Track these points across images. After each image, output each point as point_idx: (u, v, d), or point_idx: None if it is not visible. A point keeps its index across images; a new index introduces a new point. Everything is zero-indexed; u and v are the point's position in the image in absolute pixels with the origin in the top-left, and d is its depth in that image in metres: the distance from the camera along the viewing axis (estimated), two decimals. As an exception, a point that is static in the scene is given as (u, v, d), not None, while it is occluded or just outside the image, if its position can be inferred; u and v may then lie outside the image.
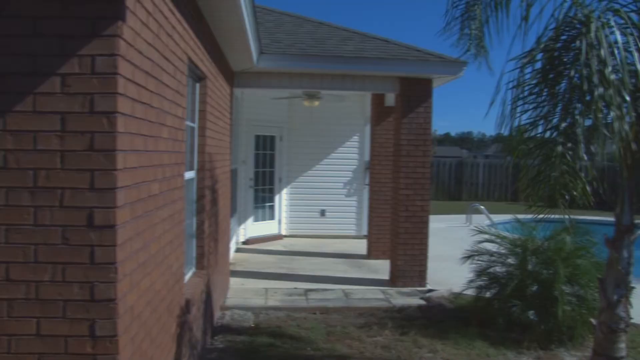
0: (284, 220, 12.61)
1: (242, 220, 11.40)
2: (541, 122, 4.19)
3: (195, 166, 5.26)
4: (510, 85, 4.12)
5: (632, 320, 5.07)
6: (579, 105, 3.84)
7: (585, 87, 3.70)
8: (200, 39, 4.68)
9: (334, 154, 12.70)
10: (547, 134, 4.16)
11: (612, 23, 3.89)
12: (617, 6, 4.43)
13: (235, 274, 8.62)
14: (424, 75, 8.22)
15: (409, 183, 8.25)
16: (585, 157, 3.86)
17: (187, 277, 4.90)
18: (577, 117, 3.85)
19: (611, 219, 4.90)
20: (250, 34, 5.78)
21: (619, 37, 3.82)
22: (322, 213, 12.71)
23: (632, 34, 3.91)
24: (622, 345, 4.93)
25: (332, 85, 8.35)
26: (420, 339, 6.10)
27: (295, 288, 7.96)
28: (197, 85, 5.29)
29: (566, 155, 3.85)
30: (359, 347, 5.86)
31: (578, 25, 4.09)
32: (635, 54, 3.81)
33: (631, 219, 4.77)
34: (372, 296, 7.74)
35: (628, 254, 4.83)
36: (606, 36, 3.78)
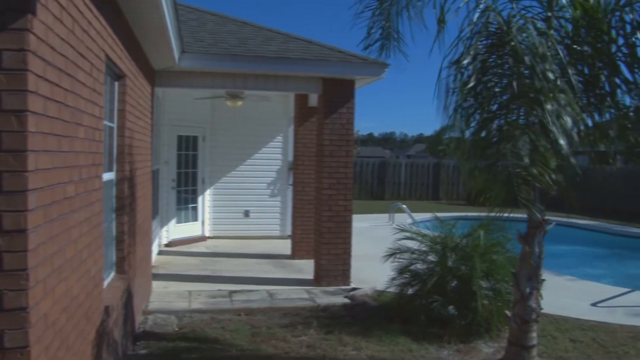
0: (207, 222, 12.43)
1: (164, 222, 11.16)
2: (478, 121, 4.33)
3: (115, 167, 5.10)
4: (451, 89, 4.24)
5: (542, 311, 5.34)
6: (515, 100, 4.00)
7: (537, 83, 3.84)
8: (119, 36, 4.54)
9: (257, 154, 12.64)
10: (483, 133, 4.30)
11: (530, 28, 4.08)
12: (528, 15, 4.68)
13: (158, 277, 8.42)
14: (347, 76, 8.31)
15: (332, 183, 8.33)
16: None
17: (107, 281, 4.74)
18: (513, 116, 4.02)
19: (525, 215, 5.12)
20: (171, 32, 5.66)
21: (536, 41, 4.00)
22: (246, 214, 12.63)
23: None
24: (534, 334, 5.19)
25: (255, 85, 8.30)
26: (345, 337, 6.16)
27: (220, 290, 7.86)
28: (116, 83, 5.13)
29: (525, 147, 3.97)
30: (284, 347, 5.86)
31: (493, 30, 4.27)
32: (559, 51, 3.99)
33: (542, 215, 5.01)
34: (296, 296, 7.75)
35: (539, 249, 5.08)
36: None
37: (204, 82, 8.13)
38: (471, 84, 4.17)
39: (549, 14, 4.76)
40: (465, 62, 4.17)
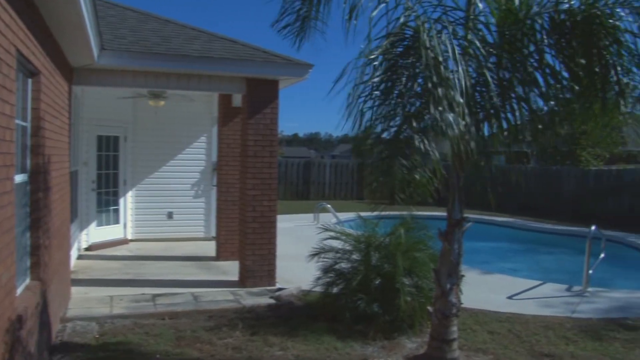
0: (129, 224, 12.10)
1: (84, 225, 10.77)
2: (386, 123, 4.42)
3: (29, 168, 4.88)
4: (356, 88, 4.30)
5: (462, 305, 5.53)
6: (418, 105, 4.10)
7: (430, 86, 3.95)
8: (32, 31, 4.34)
9: (181, 155, 12.42)
10: (385, 134, 4.40)
11: (443, 34, 4.20)
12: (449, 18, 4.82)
13: (78, 282, 8.12)
14: (271, 77, 8.31)
15: (256, 183, 8.30)
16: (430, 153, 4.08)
17: (20, 289, 4.53)
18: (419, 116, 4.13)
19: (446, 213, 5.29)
20: (89, 28, 5.47)
21: (448, 45, 4.12)
22: (170, 215, 12.39)
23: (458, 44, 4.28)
24: (455, 328, 5.36)
25: (178, 85, 8.15)
26: (271, 337, 6.16)
27: (143, 294, 7.67)
28: (30, 80, 4.91)
29: (409, 153, 4.08)
30: (209, 350, 5.79)
31: (408, 32, 4.37)
32: (460, 62, 4.13)
33: (461, 213, 5.19)
34: (222, 298, 7.67)
35: (458, 246, 5.26)
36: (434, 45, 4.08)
37: (124, 81, 7.89)
38: (378, 86, 4.28)
39: (470, 23, 4.94)
40: (375, 62, 4.26)
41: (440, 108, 3.86)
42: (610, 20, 4.64)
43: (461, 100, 3.98)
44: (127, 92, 10.26)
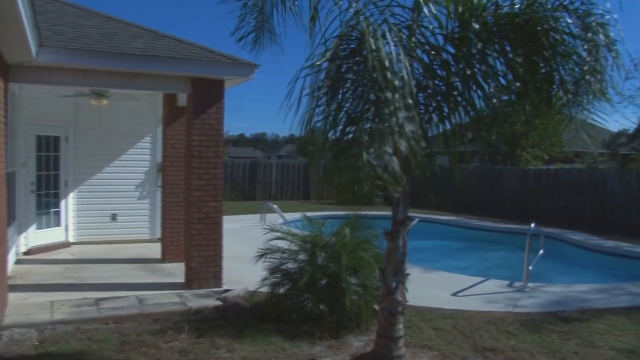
0: (71, 227, 11.77)
1: (22, 228, 10.40)
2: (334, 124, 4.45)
3: (-39, 170, 4.69)
4: (305, 90, 4.32)
5: (408, 303, 5.62)
6: (368, 107, 4.14)
7: (376, 88, 3.99)
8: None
9: (125, 155, 12.17)
10: (336, 135, 4.43)
11: (388, 36, 4.26)
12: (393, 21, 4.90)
13: (16, 288, 7.83)
14: (216, 76, 8.23)
15: (202, 184, 8.21)
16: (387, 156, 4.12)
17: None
18: (367, 118, 4.17)
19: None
20: (26, 22, 5.29)
21: (393, 48, 4.19)
22: (114, 217, 12.13)
23: (403, 46, 4.35)
24: (401, 326, 5.44)
25: (120, 84, 7.96)
26: (218, 339, 6.10)
27: (85, 298, 7.47)
28: (-38, 79, 4.72)
29: (359, 155, 4.11)
30: (155, 354, 5.69)
31: (355, 35, 4.42)
32: (405, 64, 4.21)
33: (405, 213, 5.27)
34: (167, 300, 7.55)
35: (403, 245, 5.34)
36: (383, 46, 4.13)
37: (64, 79, 7.65)
38: (325, 88, 4.30)
39: (414, 25, 5.03)
40: (323, 64, 4.29)
41: (386, 110, 3.91)
42: (550, 23, 4.82)
43: (410, 102, 4.04)
44: (68, 90, 9.97)
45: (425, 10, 5.04)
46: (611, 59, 4.93)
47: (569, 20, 4.87)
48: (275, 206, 16.98)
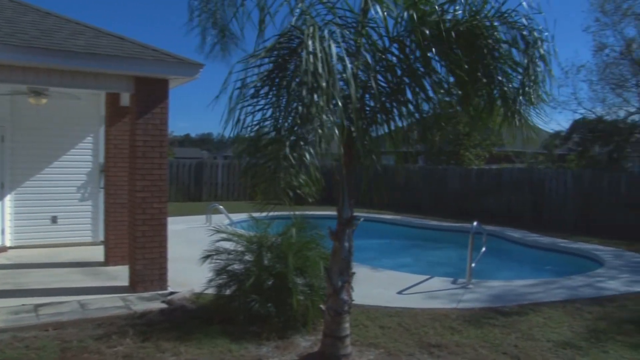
0: (8, 230, 11.34)
1: (-46, 232, 9.98)
2: (266, 123, 4.47)
3: None
4: (237, 86, 4.31)
5: (354, 302, 5.67)
6: (300, 108, 4.16)
7: (305, 93, 4.01)
8: None
9: (65, 156, 11.82)
10: (273, 134, 4.44)
11: (328, 36, 4.29)
12: (340, 21, 4.94)
13: (-54, 295, 7.51)
14: (160, 76, 8.10)
15: (146, 185, 8.07)
16: (308, 157, 4.17)
17: None
18: (298, 119, 4.18)
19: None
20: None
21: (334, 49, 4.21)
22: (54, 220, 11.77)
23: (346, 47, 4.40)
24: (347, 325, 5.49)
25: (61, 82, 7.72)
26: (163, 343, 6.01)
27: (24, 305, 7.21)
28: None
29: (291, 154, 4.13)
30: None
31: (300, 35, 4.44)
32: (348, 64, 4.25)
33: (350, 212, 5.33)
34: (110, 304, 7.38)
35: (349, 244, 5.39)
36: (326, 47, 4.16)
37: (1, 76, 7.37)
38: (253, 86, 4.32)
39: (359, 26, 5.09)
40: (258, 65, 4.30)
41: (321, 112, 3.94)
42: (491, 33, 4.98)
43: (340, 104, 4.09)
44: (4, 88, 9.61)
45: (373, 12, 5.11)
46: (543, 66, 5.14)
47: (507, 31, 5.05)
48: (221, 207, 16.84)
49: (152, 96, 8.08)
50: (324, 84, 3.95)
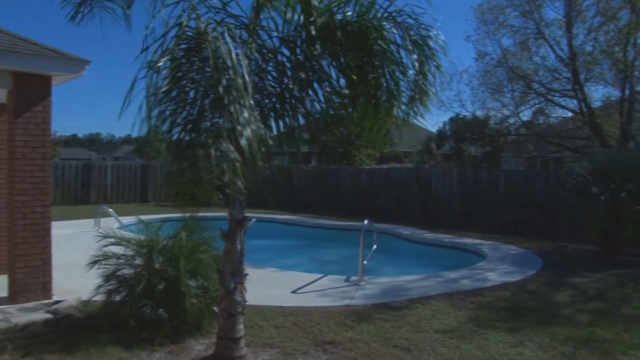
0: None
1: None
2: (175, 125, 4.38)
3: None
4: (146, 88, 4.20)
5: (248, 303, 5.67)
6: (209, 106, 4.12)
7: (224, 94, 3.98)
8: None
9: None
10: (182, 135, 4.35)
11: (228, 37, 4.27)
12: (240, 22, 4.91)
13: None
14: (42, 72, 7.67)
15: (27, 188, 7.61)
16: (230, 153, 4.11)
17: None
18: (207, 120, 4.15)
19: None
20: None
21: (230, 47, 4.20)
22: None
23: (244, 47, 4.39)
24: (241, 326, 5.48)
25: None
26: (47, 356, 5.70)
27: None
28: None
29: (213, 153, 4.06)
30: (-28, 376, 5.20)
31: (192, 34, 4.39)
32: (243, 64, 4.25)
33: (242, 213, 5.32)
34: (-14, 318, 6.91)
35: (241, 245, 5.38)
36: (220, 47, 4.13)
37: None
38: (165, 88, 4.24)
39: (251, 26, 5.08)
40: (160, 64, 4.21)
41: (231, 109, 3.92)
42: (380, 33, 5.13)
43: (251, 102, 4.09)
44: None
45: (263, 12, 5.13)
46: (433, 66, 5.37)
47: (395, 31, 5.22)
48: (110, 210, 16.20)
49: (33, 93, 7.63)
50: (239, 81, 3.95)
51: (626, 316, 7.69)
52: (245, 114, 3.95)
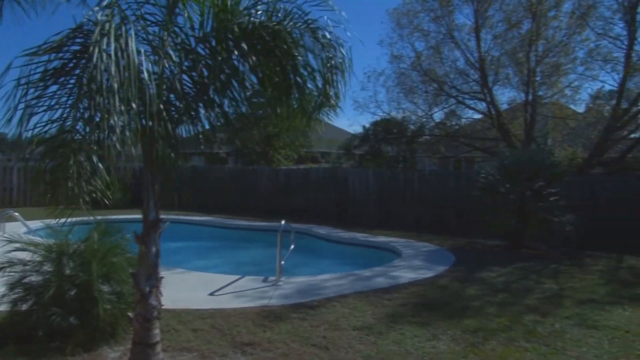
0: None
1: None
2: (54, 124, 4.24)
3: None
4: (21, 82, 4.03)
5: (164, 307, 5.56)
6: (85, 107, 3.99)
7: (95, 94, 3.85)
8: None
9: None
10: (66, 136, 4.21)
11: (125, 33, 4.14)
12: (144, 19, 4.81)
13: None
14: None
15: None
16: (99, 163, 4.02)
17: None
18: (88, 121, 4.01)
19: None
20: None
21: (133, 46, 4.07)
22: None
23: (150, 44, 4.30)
24: (157, 331, 5.37)
25: None
26: (-57, 374, 5.37)
27: None
28: None
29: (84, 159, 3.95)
30: None
31: (87, 29, 4.23)
32: (144, 63, 4.15)
33: (156, 214, 5.22)
34: None
35: (155, 248, 5.28)
36: (122, 44, 4.01)
37: None
38: (40, 82, 4.10)
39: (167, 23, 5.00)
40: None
41: (110, 115, 3.81)
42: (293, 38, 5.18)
43: (135, 107, 3.97)
44: None
45: (179, 11, 5.06)
46: (346, 70, 5.47)
47: (307, 35, 5.29)
48: (17, 214, 15.40)
49: None
50: (115, 85, 3.80)
51: (529, 306, 8.18)
52: (116, 120, 3.83)
